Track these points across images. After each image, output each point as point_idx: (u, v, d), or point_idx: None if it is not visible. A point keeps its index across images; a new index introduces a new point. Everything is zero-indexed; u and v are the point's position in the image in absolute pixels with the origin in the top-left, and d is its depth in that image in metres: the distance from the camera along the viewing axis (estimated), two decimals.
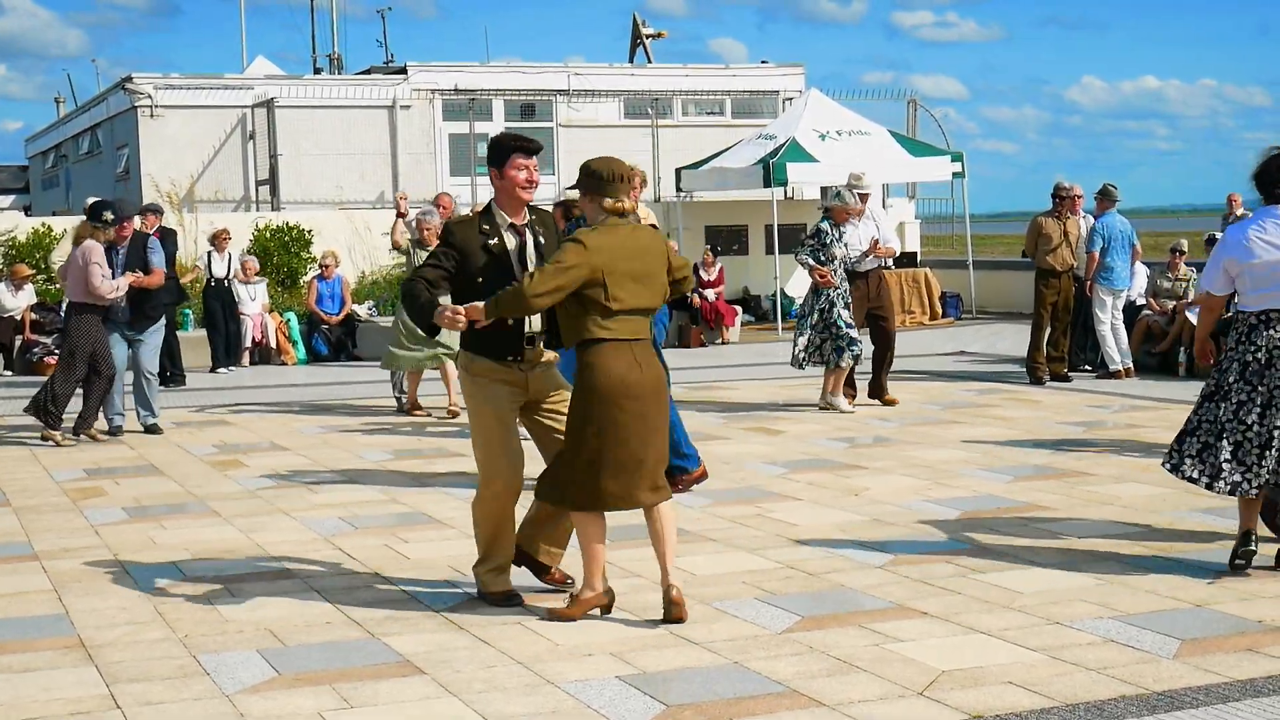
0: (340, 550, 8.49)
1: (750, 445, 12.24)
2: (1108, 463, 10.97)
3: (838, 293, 13.81)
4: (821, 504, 9.63)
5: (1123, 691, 5.66)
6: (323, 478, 11.06)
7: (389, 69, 31.45)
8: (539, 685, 5.90)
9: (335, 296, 21.53)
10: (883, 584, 7.44)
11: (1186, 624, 6.58)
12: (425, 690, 5.87)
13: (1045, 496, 9.69)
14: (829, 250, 13.76)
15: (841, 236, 13.88)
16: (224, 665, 6.24)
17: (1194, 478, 7.57)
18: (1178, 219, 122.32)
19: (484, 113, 28.17)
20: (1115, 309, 16.72)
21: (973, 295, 26.39)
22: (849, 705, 5.57)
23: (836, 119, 24.98)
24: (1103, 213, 16.81)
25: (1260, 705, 5.48)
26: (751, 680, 5.90)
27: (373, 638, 6.63)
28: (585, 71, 29.45)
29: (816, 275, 13.79)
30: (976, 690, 5.71)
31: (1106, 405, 14.35)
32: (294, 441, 13.01)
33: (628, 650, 6.34)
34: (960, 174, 25.79)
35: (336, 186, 27.57)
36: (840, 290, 13.83)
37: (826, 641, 6.42)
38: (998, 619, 6.73)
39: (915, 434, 12.65)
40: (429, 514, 9.50)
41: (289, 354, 21.16)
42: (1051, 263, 16.33)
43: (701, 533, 8.76)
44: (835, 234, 13.84)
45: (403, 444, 12.69)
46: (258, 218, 24.96)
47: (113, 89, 30.26)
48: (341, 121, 28.00)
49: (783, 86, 30.45)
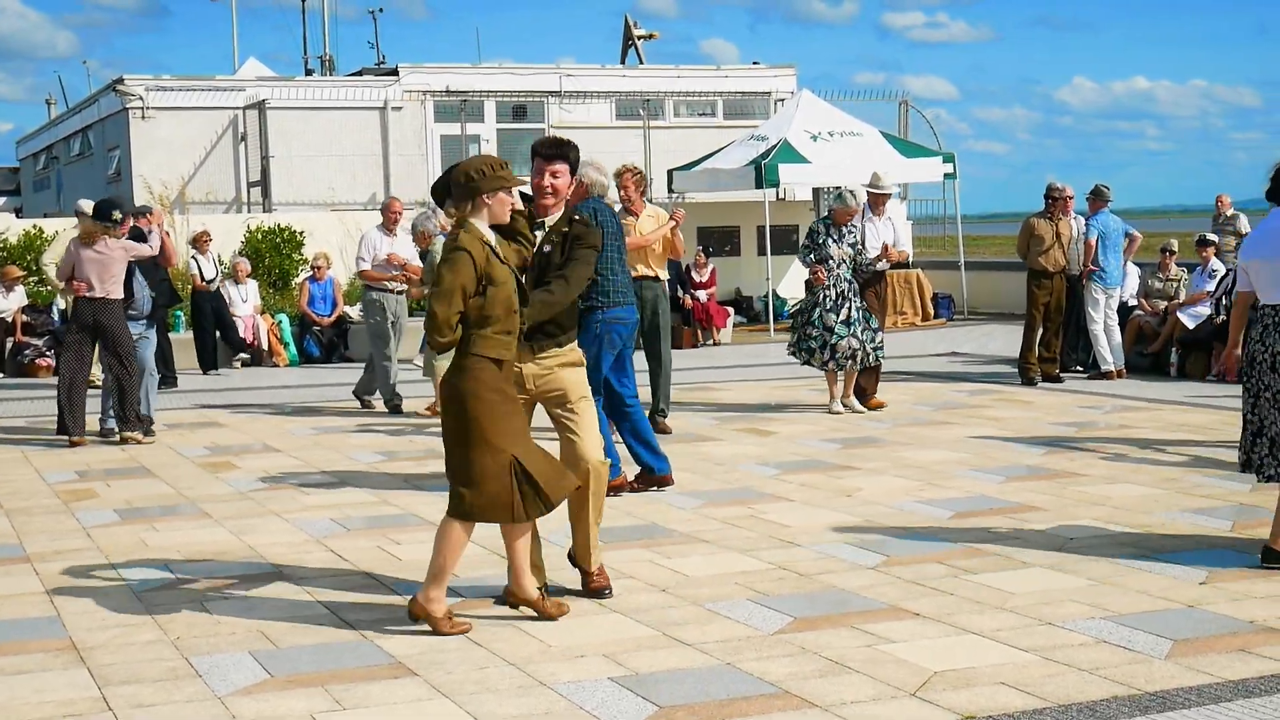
0: (332, 552, 8.48)
1: (743, 446, 12.24)
2: (1100, 463, 10.97)
3: (824, 294, 13.81)
4: (814, 505, 9.62)
5: (1115, 692, 5.66)
6: (314, 479, 11.05)
7: (380, 70, 31.44)
8: (531, 686, 5.89)
9: (327, 298, 21.50)
10: (875, 585, 7.44)
11: (1178, 624, 6.58)
12: (417, 692, 5.86)
13: (1037, 497, 9.70)
14: (822, 250, 13.77)
15: (843, 237, 13.85)
16: (216, 667, 6.23)
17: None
18: (1169, 219, 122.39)
19: (476, 114, 28.17)
20: (1109, 308, 16.74)
21: (964, 296, 26.41)
22: (841, 706, 5.57)
23: (828, 120, 25.00)
24: (1096, 212, 16.85)
25: (1252, 705, 5.48)
26: (744, 681, 5.90)
27: (364, 639, 6.62)
28: (577, 73, 29.46)
29: (810, 274, 13.86)
30: (969, 691, 5.71)
31: (1098, 406, 14.36)
32: (285, 443, 13.00)
33: (620, 651, 6.34)
34: (952, 175, 25.81)
35: (328, 188, 27.55)
36: (828, 292, 13.79)
37: (819, 642, 6.42)
38: (990, 619, 6.73)
39: (907, 435, 12.66)
40: (420, 515, 9.49)
41: (281, 355, 21.15)
42: (1043, 264, 16.34)
43: (694, 534, 8.76)
44: (833, 234, 13.83)
45: (394, 445, 12.68)
46: (249, 219, 24.94)
47: (104, 90, 30.24)
48: (333, 123, 27.98)
49: (774, 87, 30.46)
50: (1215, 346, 16.42)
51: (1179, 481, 10.15)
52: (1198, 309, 16.89)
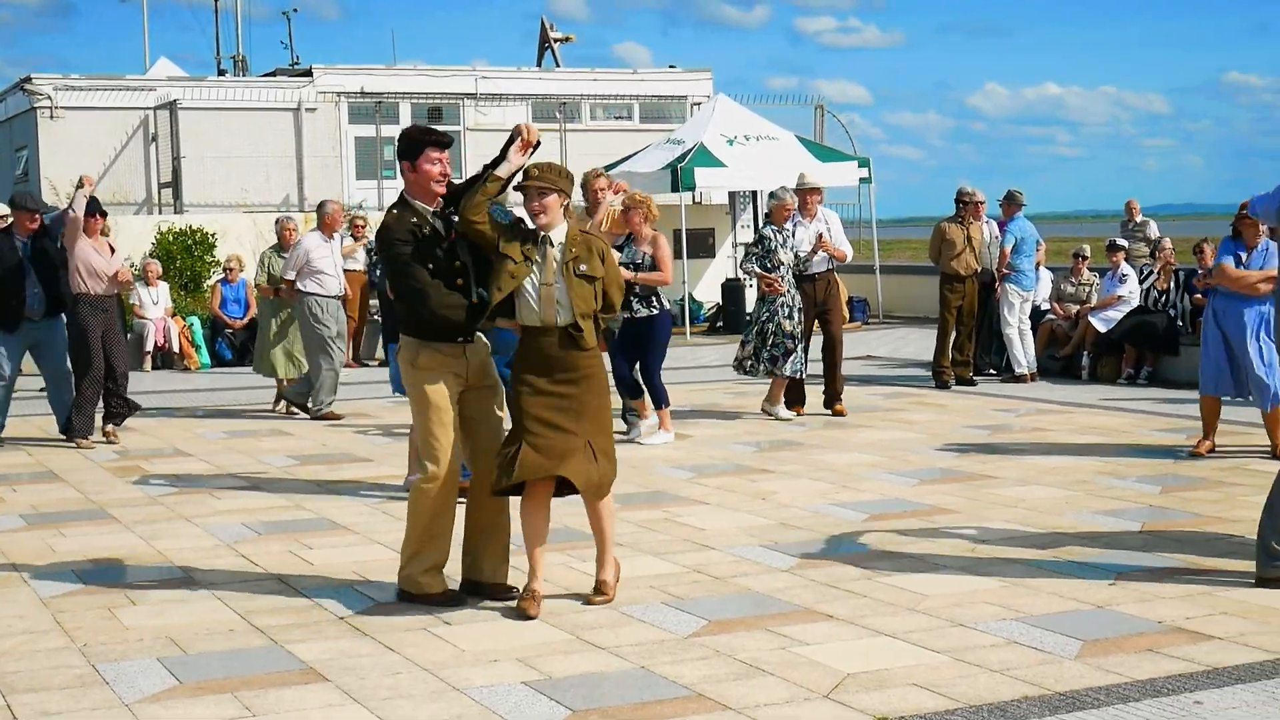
0: (243, 557, 8.40)
1: (658, 450, 12.23)
2: (1012, 466, 11.06)
3: (781, 301, 13.64)
4: (729, 508, 9.64)
5: (1025, 692, 5.70)
6: (226, 484, 10.94)
7: (294, 71, 31.18)
8: (444, 691, 5.85)
9: (239, 300, 21.32)
10: (789, 587, 7.45)
11: (1088, 625, 6.64)
12: (329, 698, 5.81)
13: (951, 499, 9.76)
14: (774, 256, 13.67)
15: (786, 241, 13.73)
16: (124, 674, 6.15)
17: None
18: (1080, 224, 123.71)
19: (390, 116, 28.00)
20: (1023, 312, 16.91)
21: (880, 300, 26.55)
22: (755, 709, 5.58)
23: (744, 124, 25.05)
24: (1010, 217, 17.02)
25: (1160, 705, 5.54)
26: (658, 685, 5.89)
27: (276, 645, 6.56)
28: (493, 75, 29.36)
29: (764, 284, 13.66)
30: (882, 692, 5.74)
31: (1012, 409, 14.48)
32: (197, 447, 12.87)
33: (534, 656, 6.31)
34: (867, 179, 25.92)
35: (241, 189, 27.30)
36: (784, 299, 13.65)
37: (733, 645, 6.42)
38: (903, 621, 6.76)
39: (822, 438, 12.70)
40: (333, 520, 9.42)
41: (192, 358, 20.94)
42: (956, 268, 16.47)
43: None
44: (780, 238, 13.73)
45: (307, 449, 12.58)
46: (160, 220, 24.68)
47: (11, 89, 29.78)
48: (246, 124, 27.71)
49: (690, 91, 30.48)
50: (1127, 349, 16.62)
51: (1090, 484, 10.25)
52: (1108, 313, 17.07)
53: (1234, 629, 6.55)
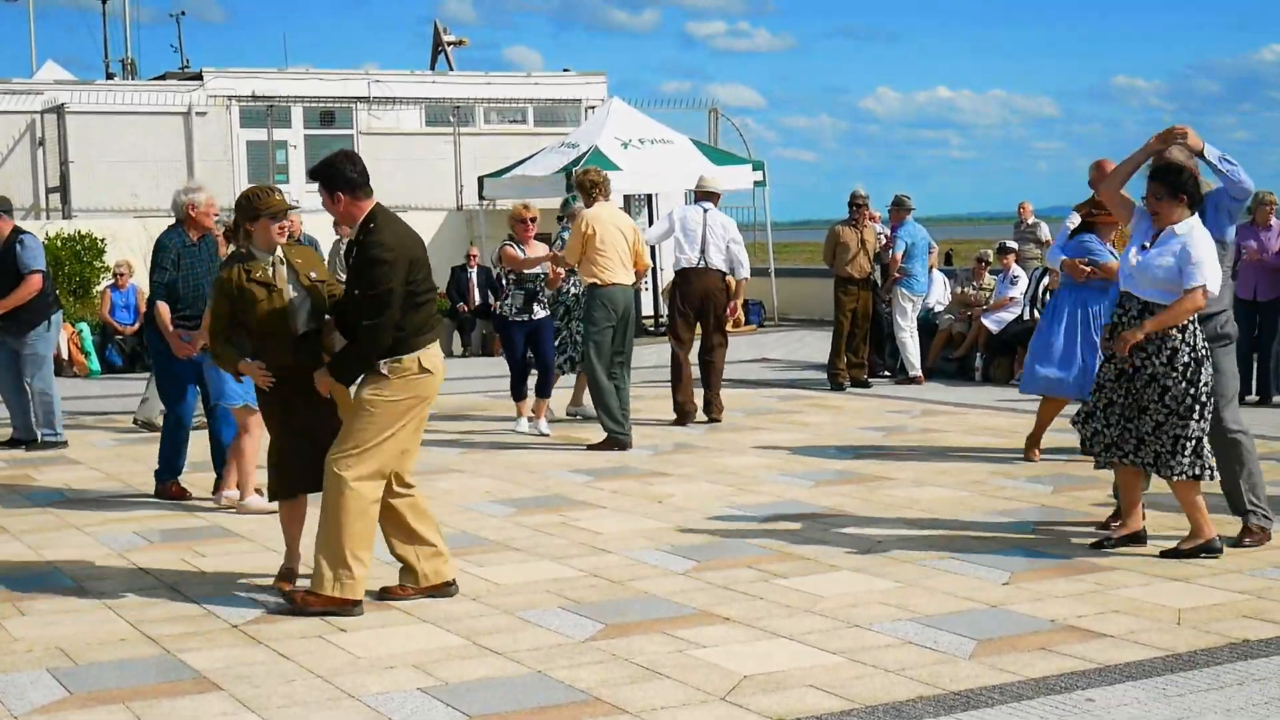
0: (135, 565, 8.28)
1: (554, 454, 12.22)
2: (907, 467, 11.15)
3: (563, 297, 14.10)
4: (625, 511, 9.64)
5: (921, 692, 5.75)
6: (116, 491, 10.79)
7: (184, 75, 30.83)
8: (340, 699, 5.81)
9: (130, 307, 21.04)
10: (686, 590, 7.47)
11: (982, 624, 6.71)
12: (223, 706, 5.75)
13: (846, 501, 9.82)
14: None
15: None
16: (12, 686, 6.04)
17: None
18: (974, 226, 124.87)
19: (283, 120, 27.75)
20: (914, 316, 17.08)
21: (775, 302, 26.68)
22: (652, 712, 5.58)
23: (639, 128, 25.07)
24: (899, 222, 17.16)
25: (1053, 703, 5.60)
26: (555, 689, 5.88)
27: (168, 654, 6.47)
28: (386, 78, 29.17)
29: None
30: (778, 694, 5.76)
31: (906, 410, 14.59)
32: (87, 455, 12.68)
33: (430, 662, 6.28)
34: (762, 182, 26.04)
35: (131, 194, 26.94)
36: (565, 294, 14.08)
37: (630, 649, 6.42)
38: (799, 623, 6.79)
39: (719, 440, 12.74)
40: (226, 528, 9.32)
41: (82, 365, 20.64)
42: (850, 271, 16.60)
43: (505, 541, 8.72)
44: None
45: (199, 456, 12.41)
46: (48, 226, 24.31)
47: None
48: (136, 128, 27.34)
49: (585, 95, 30.45)
50: (1019, 350, 16.80)
51: (983, 484, 10.35)
52: (1000, 315, 17.27)
53: (1125, 627, 6.64)
